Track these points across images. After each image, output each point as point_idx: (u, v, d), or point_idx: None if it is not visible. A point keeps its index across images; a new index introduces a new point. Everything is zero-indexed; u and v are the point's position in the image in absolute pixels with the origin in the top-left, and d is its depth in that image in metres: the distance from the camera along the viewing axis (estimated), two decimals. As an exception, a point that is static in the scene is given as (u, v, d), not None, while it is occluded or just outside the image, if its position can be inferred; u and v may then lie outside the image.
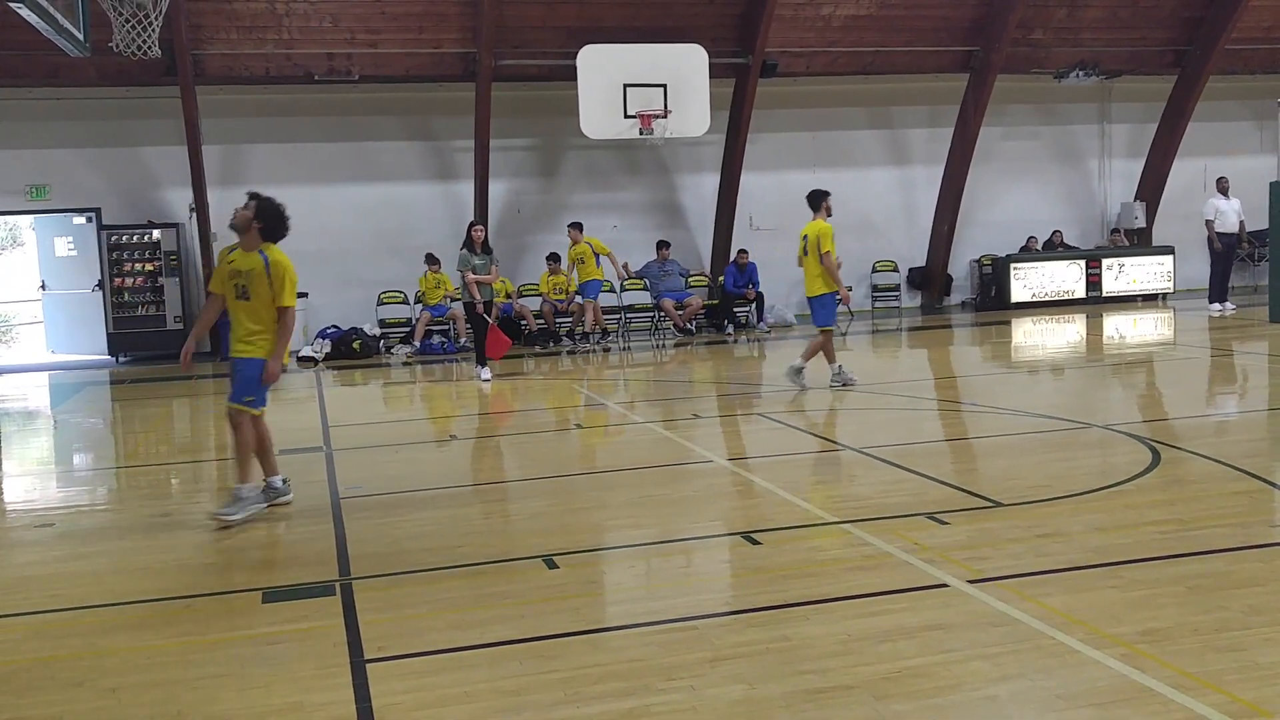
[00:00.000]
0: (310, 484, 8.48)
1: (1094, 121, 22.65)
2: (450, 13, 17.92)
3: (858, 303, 21.21)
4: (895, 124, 21.61)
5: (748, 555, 6.19)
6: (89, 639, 5.29)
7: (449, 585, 5.84)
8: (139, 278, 18.20)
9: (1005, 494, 7.17)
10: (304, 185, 18.97)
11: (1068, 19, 20.46)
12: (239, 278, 7.47)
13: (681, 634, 4.96)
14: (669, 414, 11.70)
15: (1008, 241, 21.66)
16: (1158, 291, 21.31)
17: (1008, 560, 5.78)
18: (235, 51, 17.67)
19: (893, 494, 7.43)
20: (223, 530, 7.17)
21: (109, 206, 18.39)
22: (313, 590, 5.85)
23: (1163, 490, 7.22)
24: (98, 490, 9.23)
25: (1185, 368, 13.56)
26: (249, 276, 7.46)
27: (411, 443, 10.34)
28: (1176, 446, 8.46)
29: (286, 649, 5.01)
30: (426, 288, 18.17)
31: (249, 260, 7.50)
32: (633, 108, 17.95)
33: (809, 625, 4.98)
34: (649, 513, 7.31)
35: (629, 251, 19.96)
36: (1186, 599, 5.11)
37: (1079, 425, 9.72)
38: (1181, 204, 21.74)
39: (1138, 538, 6.11)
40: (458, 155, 19.47)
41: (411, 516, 7.42)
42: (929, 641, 4.72)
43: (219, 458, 10.58)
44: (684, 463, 8.93)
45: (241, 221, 7.58)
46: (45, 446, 11.80)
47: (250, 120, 18.78)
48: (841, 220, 21.10)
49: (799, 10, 19.11)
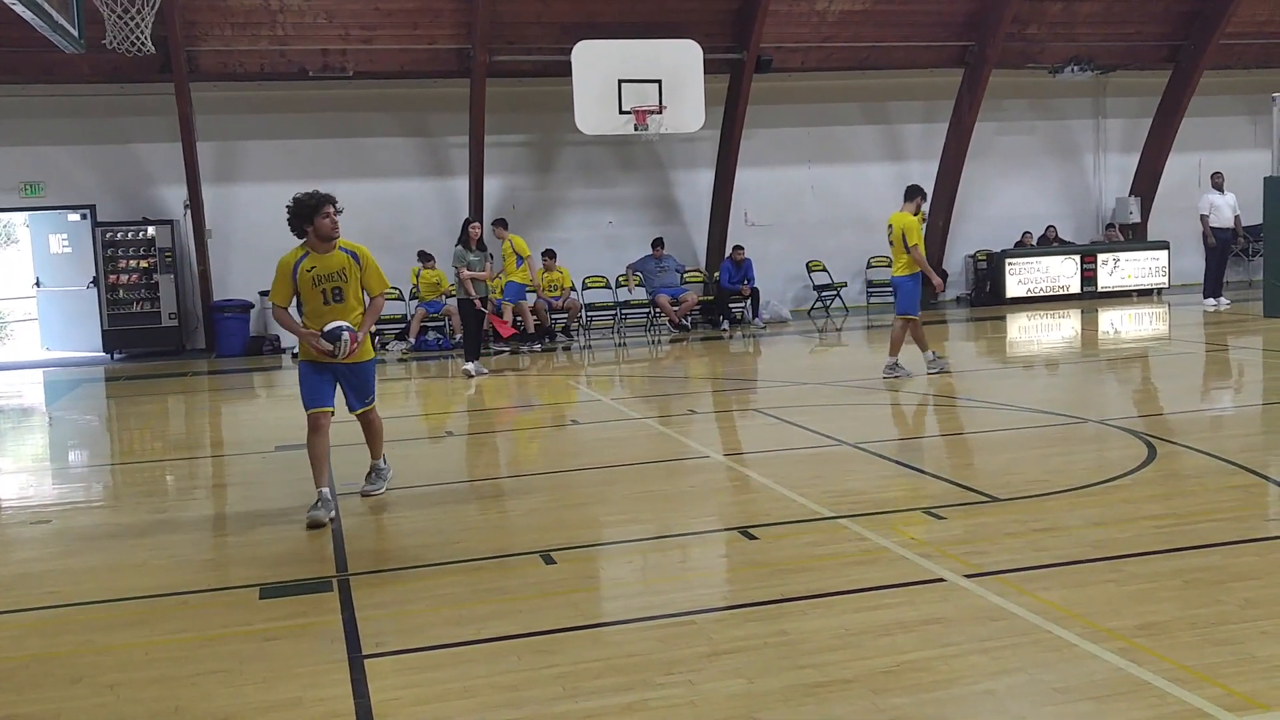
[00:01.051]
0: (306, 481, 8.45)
1: (1089, 116, 22.68)
2: (445, 9, 17.90)
3: (852, 298, 21.22)
4: (891, 119, 21.61)
5: (745, 550, 6.20)
6: (87, 635, 5.29)
7: (447, 581, 5.84)
8: (134, 275, 18.17)
9: (1002, 489, 7.18)
10: (298, 182, 18.60)
11: (1062, 14, 20.48)
12: (326, 282, 7.31)
13: (680, 628, 4.96)
14: (665, 409, 11.70)
15: (1003, 237, 21.69)
16: (1153, 287, 21.33)
17: (1005, 555, 5.79)
18: (229, 48, 17.64)
19: (889, 489, 7.43)
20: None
21: (103, 203, 18.37)
22: (310, 586, 5.85)
23: (1159, 485, 7.24)
24: (94, 487, 9.22)
25: (1180, 363, 13.58)
26: (339, 277, 7.33)
27: (408, 439, 10.33)
28: (1172, 441, 8.47)
29: (284, 645, 5.01)
30: (423, 285, 18.14)
31: (332, 261, 7.33)
32: (628, 103, 17.94)
33: (807, 620, 4.99)
34: (646, 508, 7.31)
35: (625, 247, 20.02)
36: (1183, 593, 5.13)
37: (1075, 420, 9.73)
38: (1176, 199, 21.77)
39: (1135, 532, 6.12)
40: (452, 151, 19.45)
41: (409, 513, 7.42)
42: (927, 636, 4.73)
43: (214, 454, 10.59)
44: (681, 458, 8.93)
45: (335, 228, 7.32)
46: (41, 443, 11.78)
47: (245, 117, 18.76)
48: (837, 216, 21.35)
49: (794, 6, 19.10)
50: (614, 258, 19.92)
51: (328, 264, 7.31)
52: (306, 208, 7.28)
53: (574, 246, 19.53)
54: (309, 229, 7.29)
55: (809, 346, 17.17)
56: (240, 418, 13.01)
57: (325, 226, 7.24)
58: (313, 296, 7.34)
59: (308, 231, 7.30)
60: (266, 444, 10.27)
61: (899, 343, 12.46)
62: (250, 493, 8.43)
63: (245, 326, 18.27)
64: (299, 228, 7.33)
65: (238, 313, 18.16)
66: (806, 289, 21.16)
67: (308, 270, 7.29)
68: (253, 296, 18.42)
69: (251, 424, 12.37)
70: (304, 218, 7.28)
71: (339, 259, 7.34)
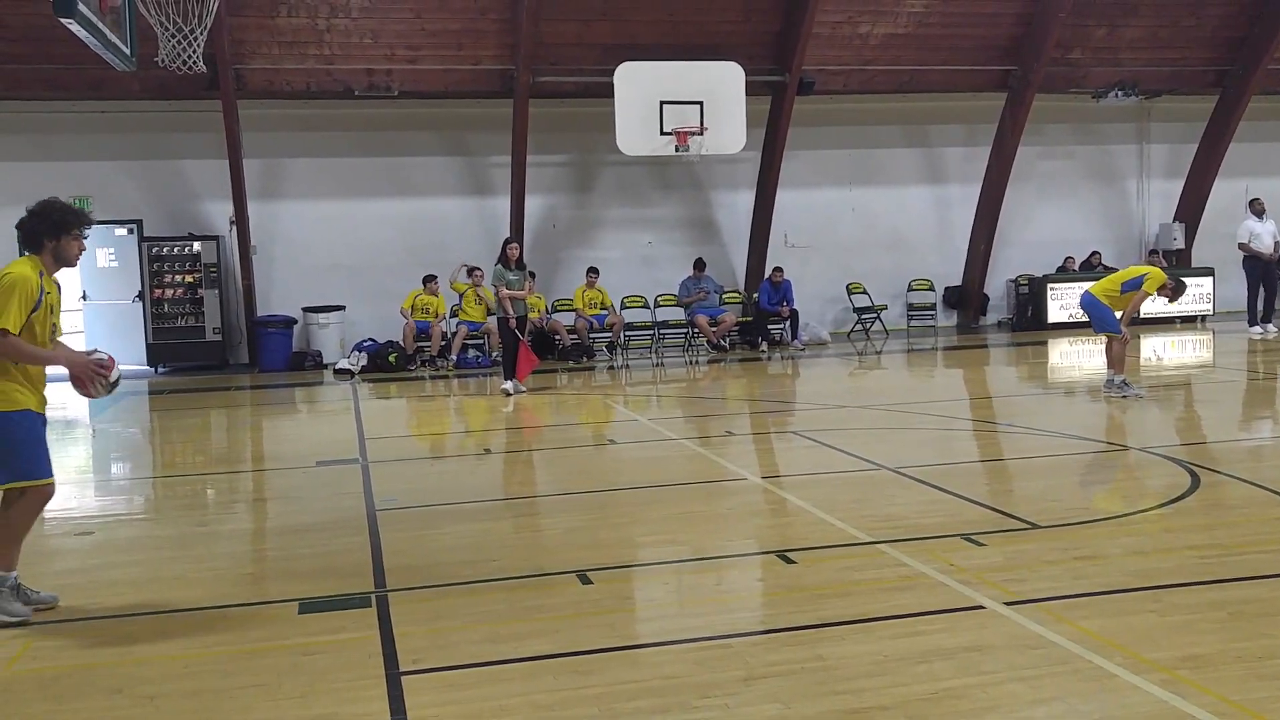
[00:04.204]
0: (346, 496, 8.52)
1: (1132, 141, 22.49)
2: (489, 29, 18.03)
3: (892, 321, 21.14)
4: (932, 142, 21.54)
5: (782, 574, 6.18)
6: (128, 647, 5.34)
7: (484, 598, 5.85)
8: (179, 289, 18.36)
9: (1042, 515, 7.11)
10: (342, 199, 19.16)
11: (1107, 38, 20.35)
12: (54, 315, 5.86)
13: (717, 651, 4.95)
14: (703, 430, 11.69)
15: (1045, 261, 21.53)
16: (1197, 313, 21.09)
17: (1045, 582, 5.73)
18: (276, 66, 17.85)
19: (928, 514, 7.38)
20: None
21: (150, 218, 18.59)
22: (349, 602, 5.87)
23: (1202, 514, 7.15)
24: (135, 499, 9.32)
25: (1224, 390, 13.42)
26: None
27: (447, 456, 10.37)
28: (1216, 470, 8.36)
29: (322, 660, 5.04)
30: (466, 303, 18.17)
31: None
32: (669, 124, 17.98)
33: (844, 645, 4.96)
34: (683, 529, 7.30)
35: (663, 267, 20.04)
36: (1228, 625, 5.05)
37: (1116, 447, 9.63)
38: (1221, 225, 21.49)
39: (1177, 562, 6.04)
40: (493, 171, 19.56)
41: (447, 529, 7.44)
42: (966, 663, 4.69)
43: (255, 469, 10.67)
44: (718, 480, 8.92)
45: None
46: (84, 455, 11.92)
47: (290, 134, 18.96)
48: (877, 238, 21.31)
49: (836, 28, 19.10)
50: (652, 278, 19.95)
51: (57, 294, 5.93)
52: (60, 219, 5.76)
53: (612, 266, 19.56)
54: (50, 245, 5.74)
55: (848, 369, 17.11)
56: (282, 432, 13.12)
57: (73, 252, 5.81)
58: (43, 329, 5.72)
59: (46, 247, 5.74)
60: (308, 459, 10.33)
61: (1121, 359, 12.29)
62: (291, 507, 8.49)
63: (288, 342, 18.42)
64: (37, 240, 5.74)
65: (281, 328, 18.31)
66: (846, 311, 21.08)
67: (47, 293, 5.73)
68: (295, 312, 18.58)
69: (293, 439, 12.47)
70: (51, 231, 5.74)
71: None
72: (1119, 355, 12.22)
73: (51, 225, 5.71)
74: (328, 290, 18.87)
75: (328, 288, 18.89)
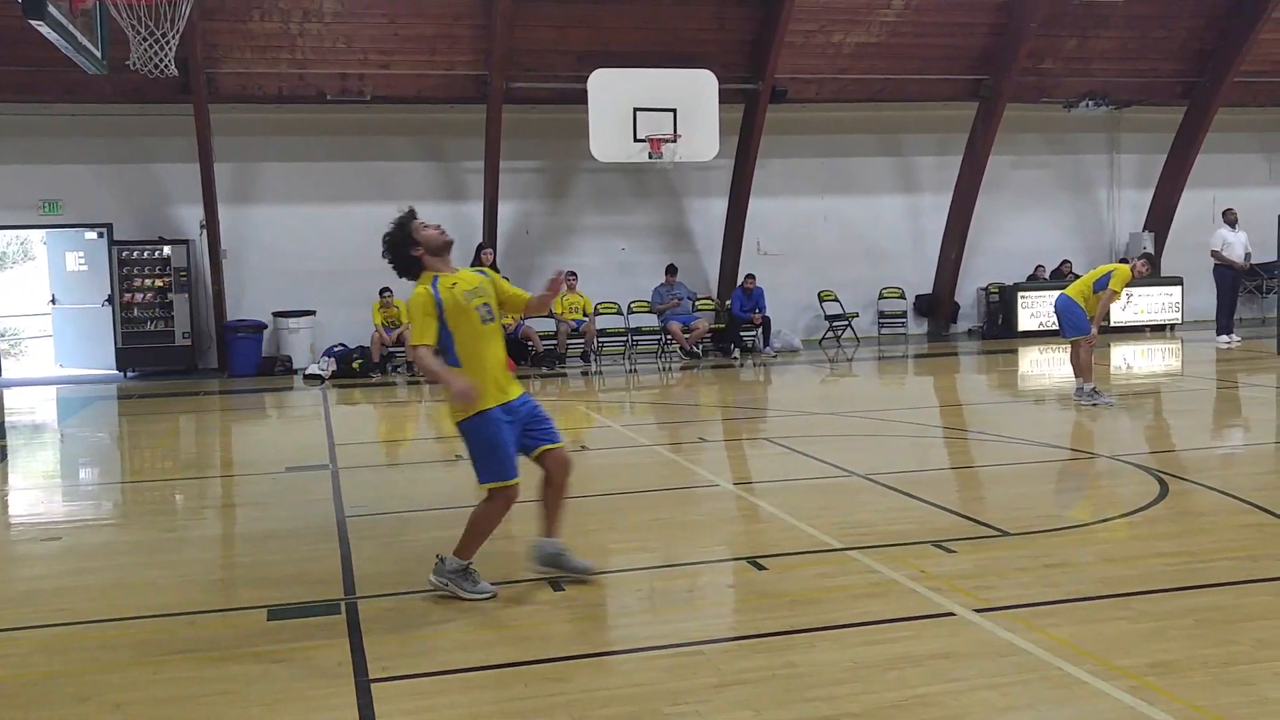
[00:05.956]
0: (316, 502, 8.48)
1: (1103, 151, 22.69)
2: (463, 35, 18.02)
3: (863, 329, 21.21)
4: (904, 151, 21.65)
5: (754, 580, 6.18)
6: (95, 654, 5.29)
7: (455, 605, 5.83)
8: (149, 293, 18.24)
9: (1012, 523, 7.15)
10: (314, 204, 19.09)
11: (1078, 49, 20.52)
12: (477, 298, 5.95)
13: (688, 658, 4.95)
14: (675, 437, 11.69)
15: (1015, 270, 21.67)
16: (1165, 322, 21.28)
17: (1015, 590, 5.76)
18: (249, 70, 17.77)
19: (899, 521, 7.41)
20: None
21: (120, 222, 18.46)
22: (318, 609, 5.84)
23: (1171, 522, 7.20)
24: (104, 505, 9.24)
25: (1193, 399, 13.54)
26: (486, 291, 6.06)
27: (417, 462, 10.34)
28: (1184, 478, 8.43)
29: (292, 667, 5.00)
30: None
31: (471, 277, 6.09)
32: (642, 131, 18.00)
33: (815, 652, 4.97)
34: (655, 536, 7.29)
35: (637, 274, 20.05)
36: (1195, 632, 5.09)
37: (1086, 455, 9.70)
38: (1190, 235, 21.71)
39: (1146, 569, 6.09)
40: (468, 176, 19.53)
41: (417, 536, 7.40)
42: (936, 670, 4.71)
43: (224, 474, 10.60)
44: (690, 486, 8.92)
45: (446, 240, 6.13)
46: (52, 460, 11.81)
47: (263, 139, 18.87)
48: (849, 246, 21.39)
49: (809, 37, 19.18)
50: (626, 284, 19.96)
51: (468, 280, 6.04)
52: (399, 233, 6.10)
53: (587, 272, 19.53)
54: (416, 252, 6.04)
55: (820, 376, 17.16)
56: (251, 438, 13.04)
57: (429, 235, 6.06)
58: (471, 318, 5.89)
59: (414, 257, 6.04)
60: (277, 465, 10.26)
61: (1088, 367, 12.32)
62: (260, 513, 8.43)
63: (258, 347, 18.32)
64: (404, 259, 6.06)
65: (251, 333, 18.21)
66: (818, 319, 21.16)
67: (449, 287, 5.89)
68: (266, 317, 18.49)
69: (263, 444, 12.39)
70: (406, 243, 6.06)
71: (473, 275, 6.17)
72: (1086, 363, 12.31)
73: (403, 241, 6.05)
74: (299, 295, 18.78)
75: (299, 293, 18.81)
